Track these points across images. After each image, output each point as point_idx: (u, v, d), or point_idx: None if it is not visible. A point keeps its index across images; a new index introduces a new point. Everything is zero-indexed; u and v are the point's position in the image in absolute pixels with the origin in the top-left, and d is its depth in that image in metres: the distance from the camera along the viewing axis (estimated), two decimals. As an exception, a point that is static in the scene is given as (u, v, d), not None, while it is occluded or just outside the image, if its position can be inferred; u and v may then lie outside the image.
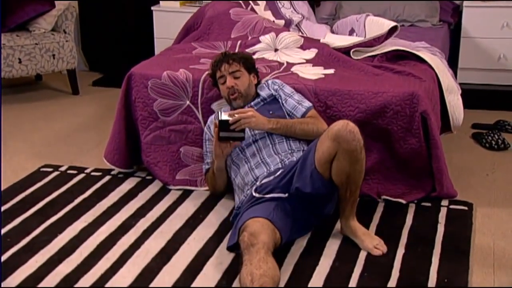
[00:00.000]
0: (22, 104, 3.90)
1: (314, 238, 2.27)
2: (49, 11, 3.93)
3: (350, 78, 2.67)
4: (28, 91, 4.15)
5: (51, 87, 4.25)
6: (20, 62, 3.79)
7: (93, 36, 4.58)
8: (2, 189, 2.67)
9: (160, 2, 4.15)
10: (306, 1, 3.68)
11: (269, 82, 2.62)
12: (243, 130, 2.34)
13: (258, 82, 2.62)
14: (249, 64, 2.60)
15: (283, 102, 2.54)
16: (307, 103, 2.54)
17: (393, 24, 2.88)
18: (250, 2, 3.41)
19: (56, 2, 3.95)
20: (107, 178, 2.77)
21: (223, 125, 2.31)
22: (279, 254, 2.07)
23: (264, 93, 2.59)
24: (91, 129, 3.45)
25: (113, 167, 2.82)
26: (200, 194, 2.62)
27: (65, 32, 4.03)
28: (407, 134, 2.49)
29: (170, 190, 2.65)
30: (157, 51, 4.11)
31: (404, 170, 2.56)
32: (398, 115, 2.48)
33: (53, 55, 3.91)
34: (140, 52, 3.95)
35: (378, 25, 2.94)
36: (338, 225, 2.35)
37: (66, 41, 3.97)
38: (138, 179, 2.76)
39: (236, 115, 2.33)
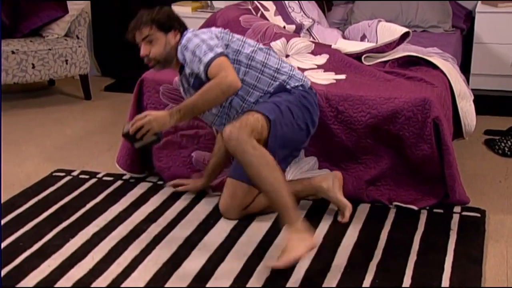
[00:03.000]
0: (35, 109, 3.93)
1: (325, 244, 2.26)
2: (62, 16, 3.95)
3: (362, 83, 2.67)
4: (41, 96, 4.18)
5: (64, 92, 4.28)
6: (33, 67, 3.82)
7: (106, 42, 4.60)
8: (15, 193, 2.68)
9: (172, 8, 4.16)
10: (317, 5, 3.67)
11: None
12: (155, 133, 2.24)
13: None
14: (162, 23, 2.38)
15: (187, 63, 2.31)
16: (208, 56, 2.23)
17: (405, 30, 2.87)
18: (260, 8, 3.41)
19: (69, 8, 3.98)
20: (119, 183, 2.79)
21: (130, 138, 2.24)
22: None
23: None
24: (103, 134, 3.47)
25: (124, 172, 2.83)
26: (211, 199, 2.62)
27: (78, 38, 4.06)
28: (419, 140, 2.48)
29: (181, 195, 2.65)
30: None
31: (416, 176, 2.55)
32: (410, 121, 2.48)
33: (66, 61, 3.93)
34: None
35: (390, 31, 2.94)
36: (349, 232, 2.35)
37: (79, 46, 3.99)
38: (149, 184, 2.77)
39: (134, 125, 2.21)
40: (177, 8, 4.15)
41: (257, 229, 2.38)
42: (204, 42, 2.30)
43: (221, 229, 2.38)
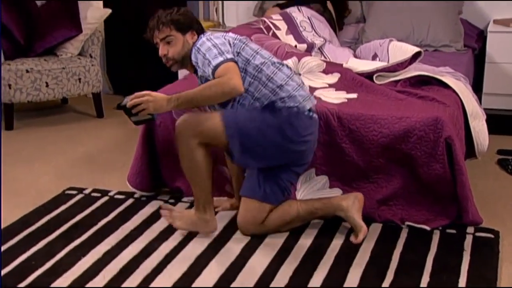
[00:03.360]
0: (48, 126, 3.96)
1: (336, 264, 2.25)
2: (76, 36, 4.00)
3: (373, 102, 2.67)
4: (54, 114, 4.21)
5: (77, 110, 4.32)
6: (47, 86, 3.87)
7: (118, 60, 4.65)
8: (27, 211, 2.70)
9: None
10: (328, 24, 3.69)
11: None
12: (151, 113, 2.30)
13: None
14: (181, 24, 2.43)
15: (199, 65, 2.37)
16: (217, 60, 2.29)
17: (416, 49, 2.87)
18: (272, 27, 3.44)
19: (83, 27, 4.03)
20: (130, 201, 2.79)
21: (126, 111, 2.30)
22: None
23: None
24: (114, 152, 3.48)
25: (135, 190, 2.84)
26: (223, 217, 2.61)
27: (91, 57, 4.10)
28: (431, 160, 2.47)
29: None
30: (180, 74, 4.15)
31: (428, 196, 2.54)
32: (422, 140, 2.47)
33: (79, 79, 3.97)
34: (164, 76, 4.00)
35: (401, 50, 2.94)
36: (361, 252, 2.33)
37: (92, 65, 4.03)
38: (160, 202, 2.77)
39: (132, 100, 2.29)
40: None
41: (269, 248, 2.37)
42: (216, 46, 2.35)
43: (233, 248, 2.37)
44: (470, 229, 2.48)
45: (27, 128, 3.92)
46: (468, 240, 2.40)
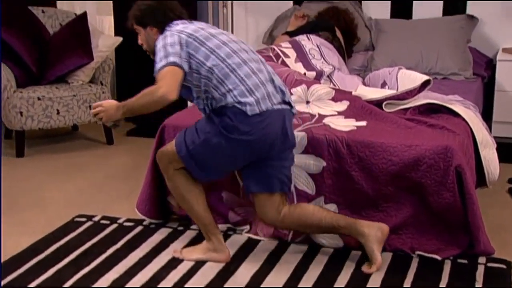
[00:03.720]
0: (58, 154, 3.98)
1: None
2: (87, 64, 4.05)
3: (383, 130, 2.67)
4: (64, 141, 4.24)
5: (87, 137, 4.34)
6: (58, 113, 3.90)
7: (128, 87, 4.68)
8: (37, 239, 2.70)
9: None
10: (337, 52, 3.71)
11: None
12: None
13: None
14: (139, 18, 2.47)
15: None
16: (160, 64, 2.27)
17: (425, 78, 2.88)
18: (281, 55, 3.46)
19: (94, 55, 4.07)
20: (139, 228, 2.79)
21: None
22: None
23: None
24: (124, 179, 3.49)
25: (144, 217, 2.84)
26: (233, 243, 2.60)
27: (102, 84, 4.14)
28: (441, 188, 2.45)
29: (202, 241, 2.64)
30: (189, 102, 4.18)
31: (438, 225, 2.51)
32: (432, 168, 2.46)
33: (90, 106, 4.01)
34: (173, 103, 4.02)
35: (410, 78, 2.95)
36: (371, 281, 2.30)
37: (103, 92, 4.07)
38: (169, 230, 2.76)
39: (91, 112, 2.47)
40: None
41: (279, 275, 2.36)
42: (165, 47, 2.32)
43: (242, 276, 2.36)
44: (482, 259, 2.45)
45: (38, 155, 3.94)
46: (480, 271, 2.37)
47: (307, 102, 2.98)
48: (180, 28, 2.39)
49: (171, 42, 2.34)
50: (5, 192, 3.29)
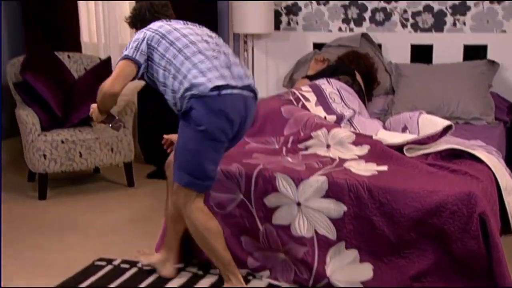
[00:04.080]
0: (79, 196, 4.01)
1: None
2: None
3: (404, 175, 2.64)
4: (86, 183, 4.27)
5: (108, 179, 4.37)
6: (80, 156, 3.95)
7: (150, 129, 4.73)
8: (57, 282, 2.70)
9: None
10: (357, 96, 3.72)
11: None
12: (110, 123, 2.76)
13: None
14: (130, 20, 2.75)
15: None
16: (121, 56, 2.54)
17: (447, 123, 2.87)
18: (301, 99, 3.48)
19: (118, 99, 4.12)
20: (159, 273, 2.78)
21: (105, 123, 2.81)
22: None
23: None
24: (144, 222, 3.50)
25: (165, 261, 2.83)
26: (255, 285, 2.57)
27: (124, 127, 4.19)
28: (465, 236, 2.41)
29: (222, 284, 2.61)
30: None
31: (462, 272, 2.46)
32: (455, 215, 2.42)
33: (112, 149, 4.05)
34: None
35: (431, 123, 2.94)
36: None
37: (125, 135, 4.12)
38: (189, 274, 2.75)
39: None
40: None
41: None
42: (131, 42, 2.55)
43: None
44: (508, 308, 2.39)
45: (59, 197, 3.97)
46: (506, 320, 2.31)
47: (328, 146, 2.99)
48: (151, 26, 2.59)
49: (136, 38, 2.55)
50: (26, 235, 3.31)
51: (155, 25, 2.58)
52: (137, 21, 2.72)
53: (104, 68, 4.16)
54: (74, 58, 4.34)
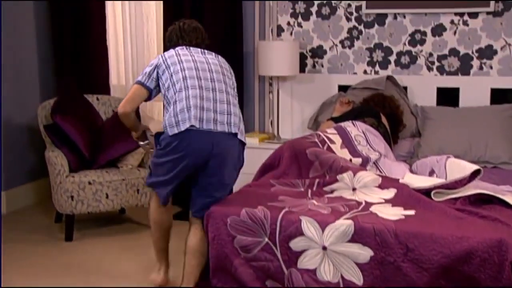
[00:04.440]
0: (105, 237, 4.03)
1: None
2: (137, 148, 4.15)
3: (432, 220, 2.60)
4: (111, 225, 4.29)
5: (133, 221, 4.39)
6: (107, 197, 3.98)
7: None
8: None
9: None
10: (383, 138, 3.70)
11: None
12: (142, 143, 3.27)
13: None
14: (166, 42, 3.13)
15: None
16: (136, 80, 2.99)
17: (475, 167, 2.82)
18: (327, 141, 3.47)
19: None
20: (183, 317, 2.75)
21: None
22: None
23: None
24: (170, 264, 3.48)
25: (188, 305, 2.81)
26: None
27: (150, 168, 4.21)
28: (496, 284, 2.34)
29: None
30: (234, 185, 4.20)
31: (494, 322, 2.39)
32: (486, 262, 2.36)
33: (138, 190, 4.08)
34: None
35: (459, 167, 2.90)
36: None
37: (151, 176, 4.14)
38: (213, 319, 2.72)
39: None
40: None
41: None
42: (147, 66, 2.99)
43: None
44: None
45: (85, 238, 3.99)
46: None
47: (354, 189, 2.97)
48: (166, 53, 2.99)
49: (151, 63, 2.98)
50: (52, 277, 3.32)
51: (169, 52, 2.98)
52: (168, 41, 3.11)
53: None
54: (102, 100, 4.43)
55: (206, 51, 3.04)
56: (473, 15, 4.06)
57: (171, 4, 4.50)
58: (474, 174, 2.84)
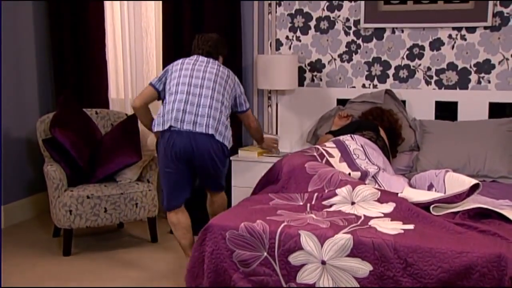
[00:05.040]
0: (103, 252, 4.01)
1: None
2: (136, 162, 4.15)
3: (431, 235, 2.59)
4: (109, 239, 4.28)
5: (132, 235, 4.37)
6: (105, 211, 3.97)
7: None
8: None
9: (239, 151, 4.32)
10: (381, 152, 3.70)
11: None
12: None
13: None
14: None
15: None
16: (150, 81, 3.64)
17: (474, 181, 2.82)
18: (325, 155, 3.47)
19: (142, 154, 4.17)
20: (181, 333, 2.73)
21: None
22: None
23: None
24: (167, 278, 3.47)
25: (188, 321, 2.79)
26: None
27: (148, 182, 4.22)
28: (496, 299, 2.34)
29: None
30: (233, 199, 4.20)
31: (494, 337, 2.37)
32: (485, 278, 2.35)
33: (136, 204, 4.07)
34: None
35: (458, 181, 2.90)
36: None
37: (149, 190, 4.14)
38: (212, 336, 2.70)
39: None
40: (244, 153, 4.29)
41: None
42: (162, 71, 3.58)
43: None
44: None
45: (83, 253, 3.98)
46: None
47: (352, 203, 2.96)
48: (175, 61, 3.53)
49: (166, 69, 3.55)
50: (49, 291, 3.31)
51: (178, 60, 3.53)
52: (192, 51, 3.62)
53: (130, 124, 4.24)
54: (101, 114, 4.44)
55: (212, 60, 3.51)
56: (471, 30, 4.08)
57: (171, 22, 4.52)
58: (473, 188, 2.84)
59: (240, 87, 3.62)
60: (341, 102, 4.37)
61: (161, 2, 4.56)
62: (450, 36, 4.13)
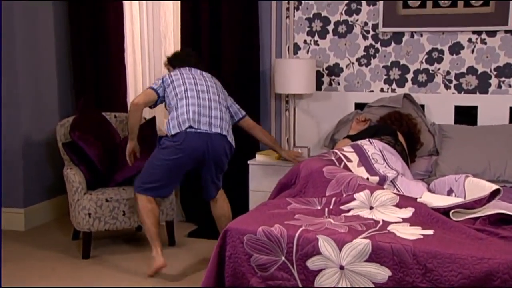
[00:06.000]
0: (122, 255, 4.03)
1: None
2: (154, 166, 4.18)
3: (451, 240, 2.57)
4: (128, 242, 4.30)
5: (150, 238, 4.39)
6: (124, 214, 3.99)
7: (191, 186, 4.77)
8: None
9: (256, 155, 4.32)
10: (400, 157, 3.68)
11: None
12: None
13: None
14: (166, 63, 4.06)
15: None
16: (149, 86, 3.83)
17: (495, 187, 2.78)
18: (343, 159, 3.46)
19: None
20: (199, 336, 2.73)
21: None
22: None
23: None
24: (184, 282, 3.47)
25: (205, 325, 2.79)
26: None
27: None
28: (517, 306, 2.30)
29: None
30: (251, 203, 4.20)
31: None
32: (507, 284, 2.32)
33: (154, 207, 4.08)
34: (235, 205, 4.06)
35: (478, 186, 2.87)
36: None
37: (167, 194, 4.15)
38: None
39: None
40: (261, 157, 4.29)
41: None
42: (158, 79, 3.77)
43: None
44: None
45: (102, 256, 4.00)
46: None
47: (371, 208, 2.94)
48: (173, 72, 3.76)
49: (161, 77, 3.74)
50: (69, 293, 3.33)
51: (175, 71, 3.75)
52: (169, 64, 3.92)
53: (148, 127, 4.26)
54: (120, 118, 4.47)
55: (203, 71, 3.83)
56: (491, 34, 4.04)
57: (190, 27, 4.54)
58: (494, 194, 2.80)
59: (229, 97, 3.93)
60: (359, 106, 4.36)
61: (179, 2, 4.59)
62: (470, 40, 4.10)
